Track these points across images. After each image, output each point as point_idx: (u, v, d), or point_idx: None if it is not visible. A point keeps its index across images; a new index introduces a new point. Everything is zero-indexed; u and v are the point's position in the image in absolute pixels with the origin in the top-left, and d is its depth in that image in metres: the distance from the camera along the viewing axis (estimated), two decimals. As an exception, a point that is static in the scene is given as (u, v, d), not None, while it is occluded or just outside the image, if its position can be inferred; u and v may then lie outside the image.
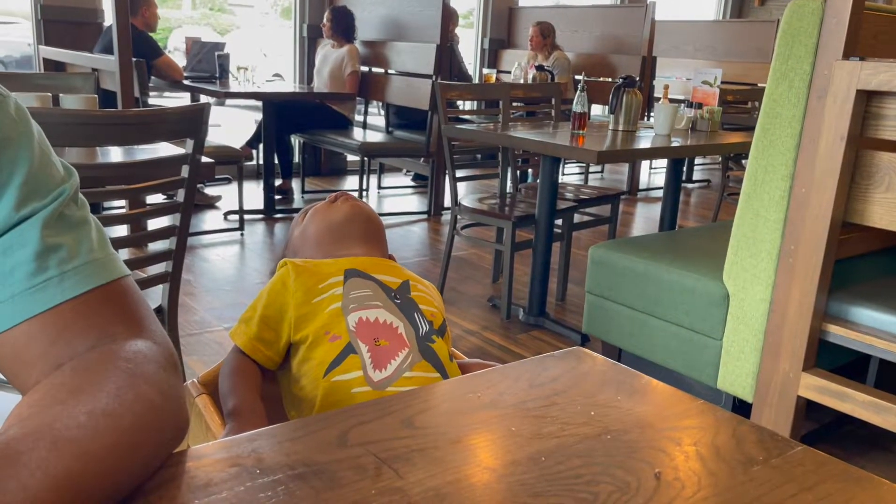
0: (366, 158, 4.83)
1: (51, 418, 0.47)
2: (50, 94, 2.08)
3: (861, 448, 2.11)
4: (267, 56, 10.71)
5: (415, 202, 5.34)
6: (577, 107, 2.97)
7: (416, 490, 0.53)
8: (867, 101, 1.57)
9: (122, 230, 3.25)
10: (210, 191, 4.85)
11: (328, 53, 5.03)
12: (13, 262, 0.56)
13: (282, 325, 0.93)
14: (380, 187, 5.72)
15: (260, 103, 4.67)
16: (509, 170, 3.49)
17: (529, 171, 5.27)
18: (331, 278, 0.94)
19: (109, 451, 0.47)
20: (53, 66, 4.25)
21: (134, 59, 3.53)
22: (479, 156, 3.74)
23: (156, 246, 1.94)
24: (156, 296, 1.81)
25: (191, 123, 1.67)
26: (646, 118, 5.36)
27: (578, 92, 3.00)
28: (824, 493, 0.57)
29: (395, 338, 0.90)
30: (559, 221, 3.13)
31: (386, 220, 4.58)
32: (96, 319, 0.58)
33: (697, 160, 6.98)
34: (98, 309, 0.59)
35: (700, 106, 3.34)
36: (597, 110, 6.07)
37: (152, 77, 4.41)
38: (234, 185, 4.52)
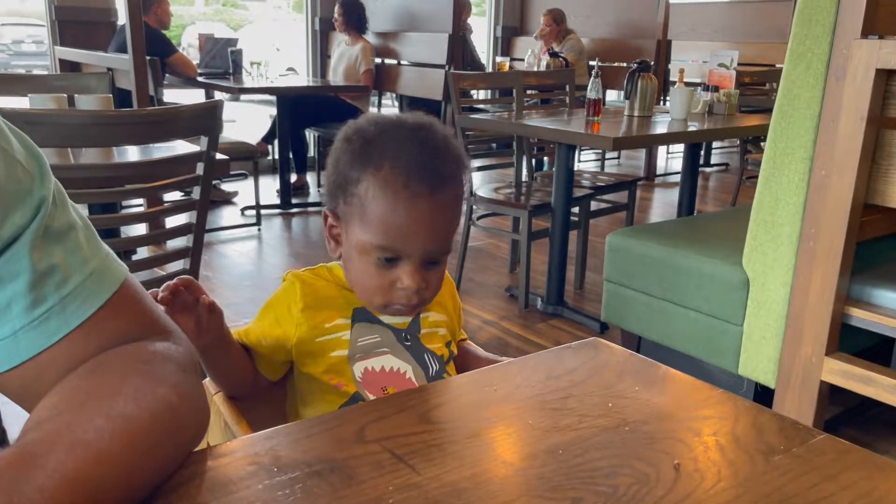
0: (380, 150, 4.82)
1: (68, 421, 0.47)
2: (66, 95, 2.10)
3: (886, 432, 2.09)
4: (280, 50, 10.73)
5: (430, 193, 5.32)
6: (591, 93, 2.95)
7: (434, 485, 0.53)
8: (887, 81, 1.54)
9: (140, 228, 3.28)
10: (226, 186, 4.88)
11: (343, 51, 5.04)
12: (8, 296, 0.53)
13: (281, 351, 0.87)
14: (395, 179, 5.71)
15: (274, 98, 4.68)
16: (524, 158, 3.48)
17: (545, 159, 5.24)
18: (338, 318, 0.86)
19: (127, 453, 0.47)
20: (69, 66, 4.28)
21: (148, 58, 3.55)
22: (493, 145, 3.72)
23: (174, 243, 1.95)
24: (175, 293, 1.82)
25: (205, 121, 1.68)
26: (661, 103, 5.31)
27: (593, 78, 2.98)
28: (847, 482, 0.56)
29: (403, 383, 0.86)
30: (576, 209, 3.11)
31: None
32: (108, 336, 0.57)
33: (715, 144, 6.90)
34: (107, 325, 0.57)
35: (717, 89, 3.30)
36: (611, 96, 6.02)
37: (166, 74, 4.43)
38: (250, 181, 4.54)
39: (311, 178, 5.24)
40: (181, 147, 2.00)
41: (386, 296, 0.81)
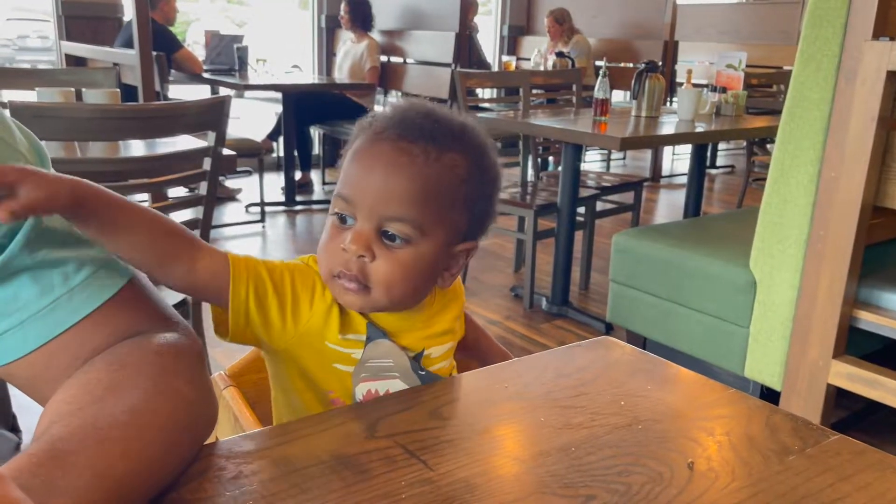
0: (386, 149, 4.82)
1: (92, 417, 0.47)
2: (72, 90, 2.09)
3: (893, 435, 2.08)
4: (285, 48, 10.72)
5: (435, 192, 5.32)
6: (598, 93, 2.94)
7: (446, 481, 0.53)
8: (898, 82, 1.54)
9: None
10: (230, 183, 4.88)
11: (349, 49, 5.04)
12: (14, 287, 0.53)
13: (276, 314, 0.70)
14: (400, 177, 5.70)
15: (279, 95, 4.68)
16: (530, 158, 3.47)
17: (550, 158, 5.24)
18: (350, 333, 0.73)
19: (150, 448, 0.48)
20: (75, 61, 4.29)
21: (154, 53, 3.55)
22: (499, 144, 3.73)
23: (179, 239, 1.93)
24: (180, 288, 1.82)
25: (212, 116, 1.68)
26: (668, 103, 5.30)
27: (600, 78, 2.97)
28: (862, 483, 0.56)
29: None
30: (581, 209, 3.11)
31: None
32: (117, 328, 0.57)
33: (721, 145, 6.88)
34: (116, 317, 0.57)
35: (724, 90, 3.29)
36: (618, 96, 6.00)
37: (172, 70, 4.43)
38: (254, 178, 4.54)
39: (315, 175, 5.24)
40: (182, 143, 2.00)
41: (332, 260, 0.71)
